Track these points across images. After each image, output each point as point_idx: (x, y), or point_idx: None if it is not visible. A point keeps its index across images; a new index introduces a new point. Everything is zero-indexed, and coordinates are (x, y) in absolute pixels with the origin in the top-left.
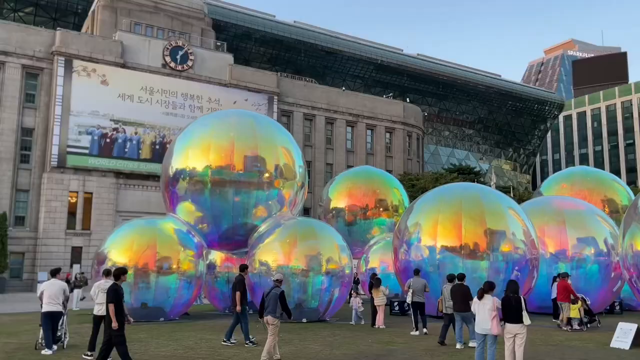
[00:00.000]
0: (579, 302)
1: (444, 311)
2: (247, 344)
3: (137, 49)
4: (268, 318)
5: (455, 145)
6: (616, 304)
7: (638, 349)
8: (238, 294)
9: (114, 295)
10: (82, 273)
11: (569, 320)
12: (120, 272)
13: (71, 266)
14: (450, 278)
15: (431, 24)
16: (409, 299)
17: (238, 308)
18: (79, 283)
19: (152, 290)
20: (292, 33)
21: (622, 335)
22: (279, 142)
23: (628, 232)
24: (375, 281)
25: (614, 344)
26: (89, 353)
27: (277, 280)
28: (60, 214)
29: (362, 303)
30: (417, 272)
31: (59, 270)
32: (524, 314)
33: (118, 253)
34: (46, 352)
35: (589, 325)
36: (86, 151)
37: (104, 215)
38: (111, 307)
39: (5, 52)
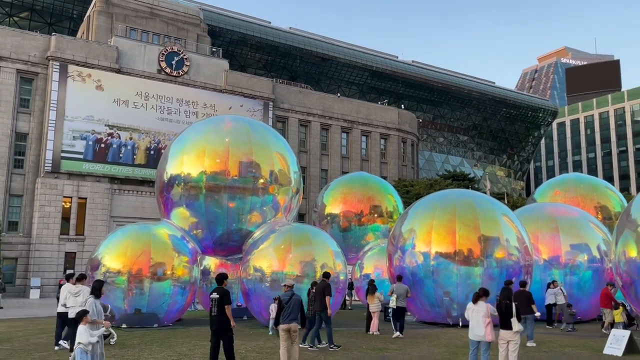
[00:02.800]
0: (620, 308)
1: None
2: (331, 347)
3: (133, 54)
4: (293, 325)
5: (450, 151)
6: None
7: (631, 355)
8: (328, 298)
9: (229, 298)
10: None
11: (611, 325)
12: (224, 277)
13: (64, 272)
14: (508, 283)
15: (426, 32)
16: (392, 304)
17: (329, 312)
18: None
19: (146, 296)
20: (287, 39)
21: (615, 342)
22: (274, 148)
23: (621, 238)
24: (370, 287)
25: (607, 350)
26: (58, 346)
27: (291, 286)
28: (54, 219)
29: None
30: (399, 278)
31: (71, 275)
32: (513, 320)
33: (112, 259)
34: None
35: (630, 329)
36: (80, 156)
37: (98, 220)
38: (228, 309)
39: (0, 57)
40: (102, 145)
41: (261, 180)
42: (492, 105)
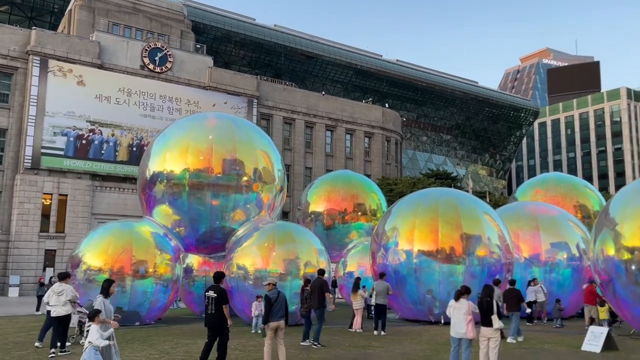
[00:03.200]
0: (606, 305)
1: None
2: (315, 344)
3: (115, 49)
4: (281, 323)
5: (433, 150)
6: None
7: (609, 352)
8: (328, 294)
9: (227, 297)
10: (52, 277)
11: (593, 321)
12: (221, 276)
13: (44, 270)
14: (496, 282)
15: (410, 31)
16: (373, 301)
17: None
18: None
19: (128, 294)
20: (272, 37)
21: (593, 338)
22: (258, 146)
23: (599, 237)
24: (355, 285)
25: (585, 347)
26: (52, 350)
27: (275, 283)
28: (34, 217)
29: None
30: (382, 275)
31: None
32: (494, 317)
33: (93, 256)
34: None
35: (613, 326)
36: (61, 152)
37: (79, 217)
38: (226, 308)
39: None
40: (84, 142)
41: (245, 178)
42: (475, 104)
